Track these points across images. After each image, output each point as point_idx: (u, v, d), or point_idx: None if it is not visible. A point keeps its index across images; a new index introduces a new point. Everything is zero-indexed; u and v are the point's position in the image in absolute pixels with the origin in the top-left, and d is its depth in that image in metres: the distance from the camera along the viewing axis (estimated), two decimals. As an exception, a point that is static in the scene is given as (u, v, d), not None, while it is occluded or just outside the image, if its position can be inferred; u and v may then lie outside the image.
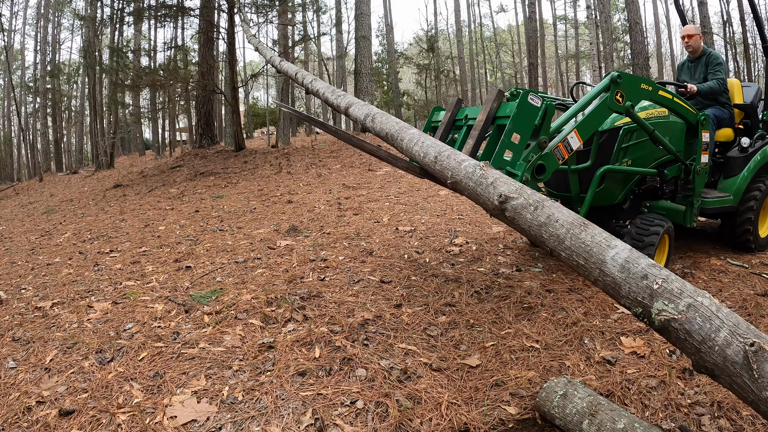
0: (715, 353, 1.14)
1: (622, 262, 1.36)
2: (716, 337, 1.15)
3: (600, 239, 1.45)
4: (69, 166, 24.56)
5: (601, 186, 3.19)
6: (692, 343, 1.19)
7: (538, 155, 2.46)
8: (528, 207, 1.65)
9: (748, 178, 3.58)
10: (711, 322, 1.17)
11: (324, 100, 3.95)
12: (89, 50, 18.23)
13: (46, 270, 4.23)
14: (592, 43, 16.64)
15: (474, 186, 1.90)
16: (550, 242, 1.55)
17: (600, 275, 1.40)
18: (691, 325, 1.18)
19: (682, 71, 4.13)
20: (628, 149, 3.23)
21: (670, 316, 1.22)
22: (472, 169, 1.95)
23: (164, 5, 12.97)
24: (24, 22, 28.34)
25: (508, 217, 1.72)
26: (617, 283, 1.35)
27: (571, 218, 1.55)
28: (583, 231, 1.48)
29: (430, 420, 1.80)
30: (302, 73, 4.93)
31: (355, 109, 3.23)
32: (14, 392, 2.08)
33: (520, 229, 1.70)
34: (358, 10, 14.29)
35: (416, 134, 2.47)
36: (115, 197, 9.38)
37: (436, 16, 55.07)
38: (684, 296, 1.23)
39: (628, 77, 2.66)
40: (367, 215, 5.44)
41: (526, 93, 2.44)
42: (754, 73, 18.69)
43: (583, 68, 34.71)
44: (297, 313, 2.76)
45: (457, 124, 2.92)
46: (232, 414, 1.87)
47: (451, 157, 2.12)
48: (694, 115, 3.11)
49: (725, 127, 3.84)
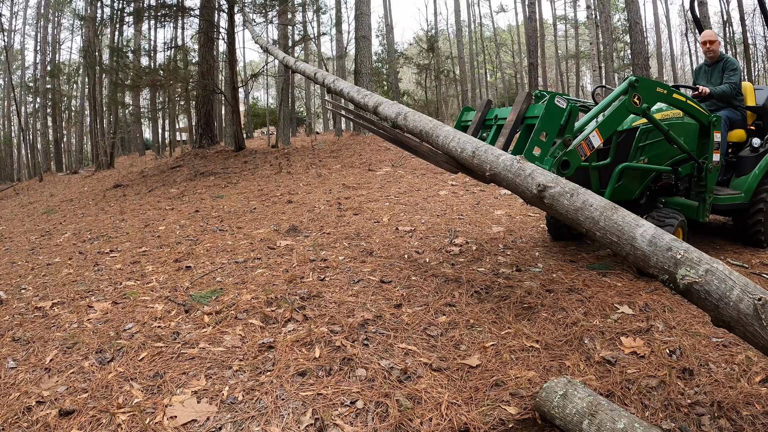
0: (731, 308, 1.36)
1: (650, 238, 1.58)
2: (730, 295, 1.36)
3: (629, 219, 1.66)
4: (69, 166, 24.56)
5: (620, 182, 3.42)
6: (711, 301, 1.40)
7: (563, 152, 2.70)
8: (565, 194, 1.85)
9: (759, 177, 3.74)
10: (725, 283, 1.38)
11: (349, 100, 3.99)
12: (89, 50, 18.23)
13: (46, 270, 4.23)
14: (592, 43, 16.64)
15: (513, 177, 2.08)
16: (586, 224, 1.76)
17: (631, 249, 1.61)
18: (710, 286, 1.40)
19: (699, 75, 4.29)
20: (645, 148, 3.45)
21: (692, 280, 1.44)
22: (510, 162, 2.12)
23: (164, 5, 12.97)
24: (24, 22, 28.35)
25: (547, 203, 1.90)
26: (647, 255, 1.56)
27: (603, 203, 1.75)
28: (615, 213, 1.70)
29: (430, 420, 1.80)
30: (322, 73, 4.94)
31: (385, 107, 3.38)
32: (14, 392, 2.08)
33: (557, 214, 1.88)
34: (358, 10, 14.28)
35: (451, 131, 2.64)
36: (115, 197, 9.38)
37: (436, 16, 55.16)
38: (702, 263, 1.45)
39: (644, 81, 2.89)
40: (367, 215, 5.44)
41: (553, 96, 2.68)
42: (754, 73, 18.71)
43: (583, 68, 34.71)
44: (297, 313, 2.76)
45: (487, 123, 3.14)
46: (232, 414, 1.87)
47: (489, 152, 2.29)
48: (706, 116, 3.31)
49: (738, 128, 4.00)
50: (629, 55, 19.12)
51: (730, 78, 3.91)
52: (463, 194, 6.57)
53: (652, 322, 2.53)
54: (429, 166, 9.06)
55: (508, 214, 5.27)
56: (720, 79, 4.03)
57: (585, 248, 4.00)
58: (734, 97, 3.93)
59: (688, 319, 2.57)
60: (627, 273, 3.31)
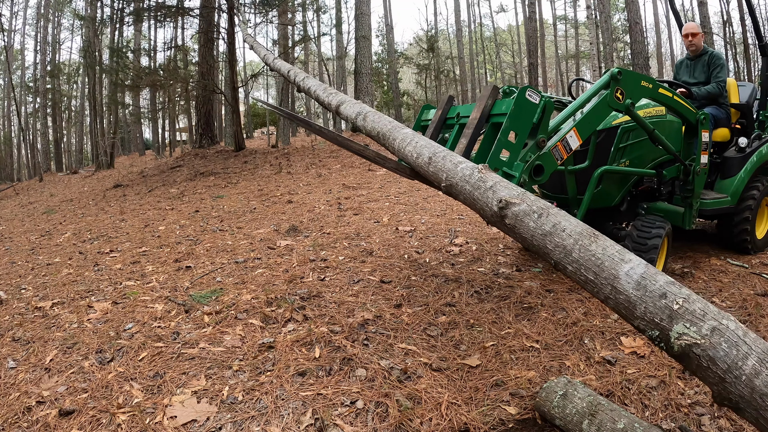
0: (742, 383, 1.03)
1: (638, 279, 1.23)
2: (743, 366, 1.03)
3: (612, 252, 1.33)
4: (69, 166, 24.57)
5: (599, 187, 3.11)
6: (716, 372, 1.07)
7: (536, 155, 2.33)
8: (531, 214, 1.51)
9: (746, 179, 3.55)
10: (738, 349, 1.05)
11: (315, 98, 3.89)
12: (89, 50, 18.23)
13: (46, 270, 4.23)
14: (592, 43, 16.64)
15: (471, 190, 1.75)
16: (555, 254, 1.42)
17: (612, 292, 1.27)
18: (716, 351, 1.07)
19: (681, 69, 4.08)
20: (626, 149, 3.16)
21: (691, 341, 1.10)
22: (470, 172, 1.79)
23: (164, 5, 12.97)
24: (24, 22, 28.34)
25: (508, 224, 1.58)
26: (632, 302, 1.22)
27: (579, 228, 1.43)
28: (594, 242, 1.36)
29: (430, 420, 1.80)
30: (294, 71, 4.90)
31: (347, 107, 3.10)
32: (14, 392, 2.08)
33: (521, 239, 1.56)
34: (358, 10, 14.29)
35: (409, 134, 2.34)
36: (115, 197, 9.38)
37: (436, 16, 55.17)
38: (707, 318, 1.11)
39: (628, 74, 2.58)
40: (367, 215, 5.44)
41: (524, 89, 2.31)
42: (754, 73, 18.70)
43: (583, 68, 34.70)
44: (297, 313, 2.76)
45: (449, 122, 2.80)
46: (232, 414, 1.87)
47: (447, 159, 1.96)
48: (694, 114, 3.04)
49: (722, 127, 3.78)
50: (629, 55, 19.13)
51: (718, 76, 3.70)
52: (463, 194, 6.57)
53: (652, 322, 2.53)
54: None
55: (508, 214, 5.27)
56: (703, 74, 3.81)
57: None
58: (720, 96, 3.75)
59: (688, 319, 2.56)
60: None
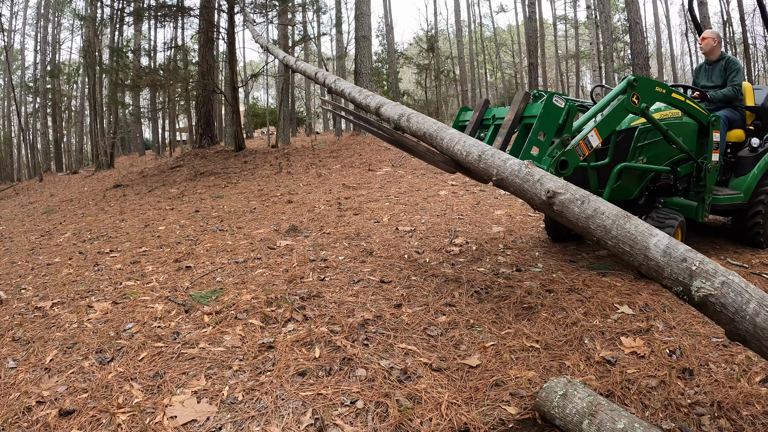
0: (747, 321, 1.33)
1: (664, 248, 1.53)
2: (747, 308, 1.33)
3: (642, 228, 1.61)
4: (69, 166, 24.57)
5: (618, 182, 3.43)
6: (726, 314, 1.37)
7: (561, 151, 2.69)
8: (575, 201, 1.80)
9: (758, 177, 3.74)
10: (742, 296, 1.36)
11: (351, 100, 3.97)
12: (89, 50, 18.23)
13: (46, 270, 4.23)
14: (592, 43, 16.64)
15: (520, 183, 2.04)
16: (597, 232, 1.71)
17: (644, 259, 1.57)
18: (726, 299, 1.37)
19: (700, 74, 4.32)
20: (644, 148, 3.46)
21: (707, 292, 1.40)
22: (518, 167, 2.09)
23: (164, 5, 12.97)
24: (24, 22, 28.35)
25: (556, 210, 1.85)
26: (660, 266, 1.52)
27: (615, 210, 1.70)
28: (628, 222, 1.65)
29: (430, 420, 1.80)
30: (323, 73, 4.91)
31: (388, 108, 3.35)
32: (14, 392, 2.08)
33: (567, 221, 1.83)
34: (358, 10, 14.28)
35: (456, 134, 2.61)
36: (115, 197, 9.38)
37: (436, 16, 55.11)
38: (718, 275, 1.41)
39: (643, 81, 2.88)
40: (367, 215, 5.44)
41: (551, 95, 2.69)
42: (754, 73, 18.72)
43: (583, 68, 34.69)
44: (297, 313, 2.76)
45: (485, 123, 3.16)
46: (232, 414, 1.87)
47: (496, 156, 2.26)
48: (705, 116, 3.32)
49: (737, 128, 4.00)
50: (629, 55, 19.13)
51: (734, 80, 3.94)
52: (463, 194, 6.58)
53: (652, 322, 2.53)
54: (429, 166, 9.06)
55: (508, 214, 5.27)
56: (720, 78, 4.05)
57: (585, 248, 4.00)
58: (736, 99, 3.98)
59: (688, 319, 2.57)
60: (627, 273, 3.31)
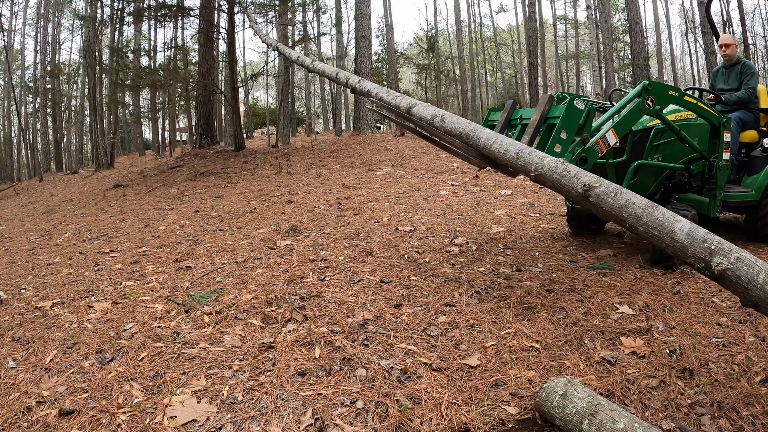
0: (758, 289, 1.60)
1: (687, 231, 1.80)
2: (758, 279, 1.61)
3: (669, 216, 1.88)
4: (69, 166, 24.55)
5: (635, 179, 3.64)
6: (741, 284, 1.64)
7: (581, 149, 2.98)
8: (609, 193, 2.05)
9: None
10: (753, 269, 1.63)
11: (378, 101, 3.98)
12: (89, 50, 18.23)
13: (46, 270, 4.23)
14: (592, 43, 16.63)
15: (558, 178, 2.27)
16: (629, 220, 1.97)
17: (671, 242, 1.84)
18: (740, 271, 1.64)
19: (717, 77, 4.54)
20: (659, 147, 3.67)
21: (725, 267, 1.67)
22: (555, 164, 2.31)
23: (164, 5, 12.98)
24: (24, 22, 28.34)
25: (592, 201, 2.10)
26: (685, 247, 1.79)
27: (644, 201, 1.97)
28: (656, 210, 1.92)
29: (430, 420, 1.80)
30: (344, 74, 4.87)
31: (419, 109, 3.52)
32: (14, 392, 2.08)
33: (601, 211, 2.10)
34: (358, 10, 14.28)
35: (492, 134, 2.82)
36: (115, 197, 9.38)
37: (436, 16, 55.10)
38: (733, 252, 1.69)
39: (657, 85, 3.17)
40: (367, 215, 5.44)
41: (573, 98, 2.97)
42: (754, 73, 18.71)
43: (583, 68, 34.70)
44: (297, 313, 2.76)
45: (512, 122, 3.44)
46: (232, 414, 1.87)
47: (533, 154, 2.47)
48: (717, 117, 3.56)
49: (750, 129, 4.20)
50: (629, 55, 19.14)
51: (748, 83, 4.14)
52: (463, 194, 6.58)
53: (652, 322, 2.53)
54: (429, 167, 9.07)
55: (508, 214, 5.27)
56: (737, 81, 4.24)
57: (585, 248, 4.00)
58: (750, 101, 4.16)
59: (688, 319, 2.56)
60: (627, 273, 3.31)
